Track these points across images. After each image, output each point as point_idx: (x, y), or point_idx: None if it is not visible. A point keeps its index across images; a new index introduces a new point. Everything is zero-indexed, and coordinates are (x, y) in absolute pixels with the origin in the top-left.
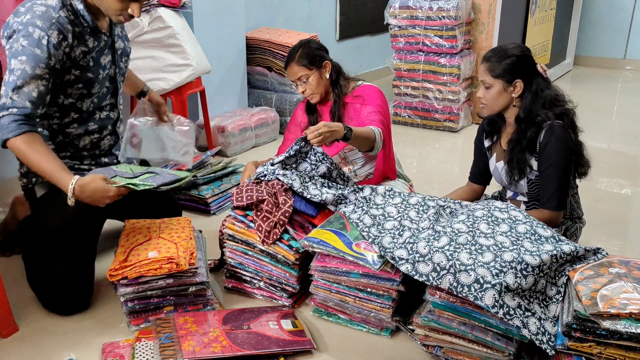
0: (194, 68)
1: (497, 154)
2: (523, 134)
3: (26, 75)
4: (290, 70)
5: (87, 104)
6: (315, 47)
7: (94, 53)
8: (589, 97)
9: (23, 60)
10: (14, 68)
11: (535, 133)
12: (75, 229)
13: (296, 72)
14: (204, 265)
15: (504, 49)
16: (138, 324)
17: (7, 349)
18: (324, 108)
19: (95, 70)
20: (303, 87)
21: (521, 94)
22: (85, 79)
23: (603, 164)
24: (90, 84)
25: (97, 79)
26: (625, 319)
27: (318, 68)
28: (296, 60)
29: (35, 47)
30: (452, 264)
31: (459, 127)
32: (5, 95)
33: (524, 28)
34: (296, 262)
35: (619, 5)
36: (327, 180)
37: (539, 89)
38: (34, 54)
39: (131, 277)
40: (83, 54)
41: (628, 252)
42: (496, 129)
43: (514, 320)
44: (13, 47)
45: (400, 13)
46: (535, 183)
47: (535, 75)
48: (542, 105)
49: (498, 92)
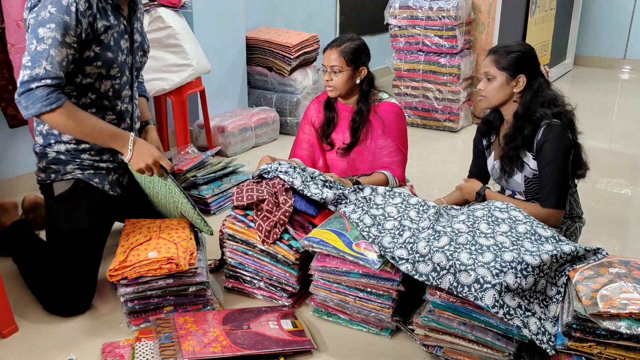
0: (194, 68)
1: (495, 152)
2: (520, 131)
3: (57, 43)
4: (329, 55)
5: (105, 85)
6: (362, 49)
7: (114, 31)
8: (589, 97)
9: (52, 27)
10: (43, 36)
11: (533, 131)
12: (88, 234)
13: (333, 59)
14: (204, 265)
15: (510, 44)
16: (138, 324)
17: (7, 349)
18: (344, 113)
19: (115, 51)
20: (330, 77)
21: (522, 90)
22: (104, 58)
23: (603, 164)
24: (109, 64)
25: (117, 60)
26: (625, 319)
27: (354, 69)
28: (341, 49)
29: (64, 14)
30: (452, 264)
31: (459, 127)
32: (38, 64)
33: (524, 28)
34: (296, 262)
35: (619, 5)
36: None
37: (540, 87)
38: (63, 21)
39: (131, 277)
40: (105, 29)
41: (628, 252)
42: (493, 128)
43: (514, 320)
44: (40, 15)
45: (400, 13)
46: (532, 181)
47: (538, 75)
48: (541, 104)
49: (500, 85)
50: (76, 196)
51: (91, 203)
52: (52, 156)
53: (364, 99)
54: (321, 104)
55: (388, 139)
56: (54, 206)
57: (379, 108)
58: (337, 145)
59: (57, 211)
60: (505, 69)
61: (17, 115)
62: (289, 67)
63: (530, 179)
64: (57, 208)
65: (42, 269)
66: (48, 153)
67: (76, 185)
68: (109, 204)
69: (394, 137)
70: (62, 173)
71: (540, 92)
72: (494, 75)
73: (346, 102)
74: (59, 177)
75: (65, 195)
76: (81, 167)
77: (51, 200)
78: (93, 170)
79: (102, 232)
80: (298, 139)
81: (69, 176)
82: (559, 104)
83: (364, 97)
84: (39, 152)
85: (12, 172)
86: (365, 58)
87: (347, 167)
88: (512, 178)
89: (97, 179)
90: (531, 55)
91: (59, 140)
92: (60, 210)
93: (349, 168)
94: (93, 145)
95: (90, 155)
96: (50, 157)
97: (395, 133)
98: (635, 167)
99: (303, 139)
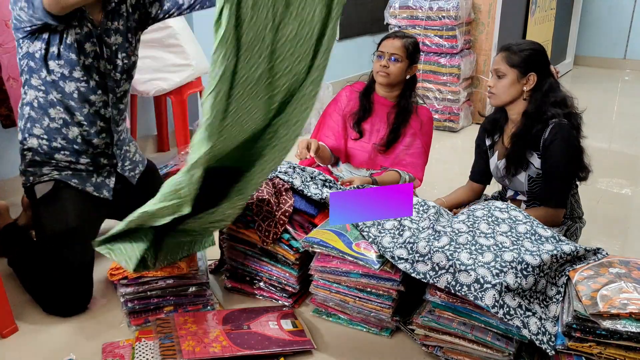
0: (194, 68)
1: (499, 152)
2: (528, 129)
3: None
4: (392, 43)
5: (69, 87)
6: (419, 49)
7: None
8: (589, 97)
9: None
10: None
11: (541, 130)
12: (76, 232)
13: (397, 47)
14: (204, 265)
15: (522, 42)
16: (138, 324)
17: (7, 349)
18: (381, 106)
19: (76, 53)
20: (387, 64)
21: (532, 88)
22: (66, 57)
23: (603, 164)
24: (72, 65)
25: (79, 63)
26: (625, 319)
27: (409, 62)
28: (404, 41)
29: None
30: (452, 264)
31: (459, 127)
32: None
33: (524, 28)
34: (296, 262)
35: (619, 6)
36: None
37: (551, 87)
38: None
39: (131, 277)
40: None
41: (628, 252)
42: (498, 127)
43: (514, 320)
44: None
45: (400, 13)
46: (535, 181)
47: (548, 74)
48: (552, 103)
49: (510, 82)
50: (57, 197)
51: (74, 203)
52: (29, 157)
53: (407, 96)
54: (355, 93)
55: (417, 140)
56: (38, 208)
57: (420, 111)
58: (367, 135)
59: (41, 213)
60: (516, 67)
61: (10, 115)
62: None
63: (534, 179)
64: (41, 210)
65: (37, 270)
66: (25, 154)
67: (56, 186)
68: (93, 204)
69: (424, 141)
70: (39, 175)
71: (551, 92)
72: (505, 73)
73: (386, 96)
74: (37, 179)
75: (47, 197)
76: (57, 168)
77: (34, 202)
78: (71, 171)
79: (89, 231)
80: (325, 125)
81: (46, 177)
82: (569, 105)
83: (407, 95)
84: (20, 153)
85: (6, 173)
86: (418, 58)
87: (367, 158)
88: (515, 177)
89: (77, 180)
90: (542, 54)
91: (31, 133)
92: (44, 212)
93: (369, 160)
94: (65, 145)
95: (65, 156)
96: (27, 158)
97: (427, 137)
98: (635, 167)
99: (330, 126)
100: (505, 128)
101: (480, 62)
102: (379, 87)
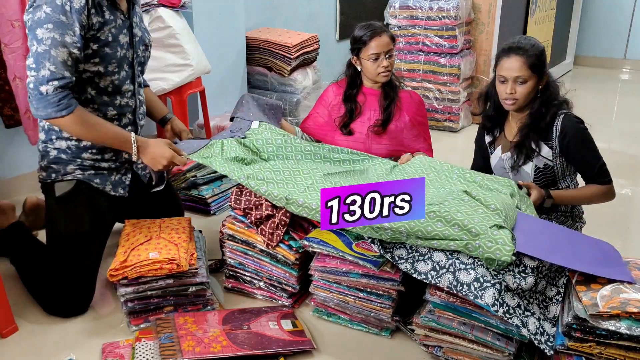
0: (194, 68)
1: (502, 145)
2: (541, 118)
3: (57, 43)
4: (383, 40)
5: (105, 81)
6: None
7: (111, 27)
8: (589, 97)
9: (50, 28)
10: (42, 37)
11: (550, 122)
12: (88, 236)
13: (388, 43)
14: (204, 265)
15: (531, 42)
16: (138, 324)
17: (7, 349)
18: (372, 97)
19: (113, 47)
20: (386, 61)
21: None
22: (102, 54)
23: None
24: (108, 61)
25: (115, 56)
26: (625, 319)
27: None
28: (390, 34)
29: (60, 14)
30: (452, 263)
31: (459, 127)
32: (42, 66)
33: (524, 28)
34: (296, 262)
35: (619, 6)
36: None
37: (551, 79)
38: (59, 21)
39: (131, 277)
40: (100, 25)
41: (628, 252)
42: (497, 123)
43: (513, 319)
44: (36, 15)
45: (400, 13)
46: (542, 171)
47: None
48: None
49: (533, 86)
50: (77, 198)
51: (92, 206)
52: (54, 155)
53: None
54: (341, 89)
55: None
56: (55, 207)
57: (410, 92)
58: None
59: (57, 212)
60: (536, 71)
61: (14, 115)
62: (289, 67)
63: (541, 169)
64: (58, 209)
65: (41, 271)
66: (49, 151)
67: (77, 186)
68: (110, 205)
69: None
70: (62, 173)
71: (553, 83)
72: (528, 78)
73: (372, 86)
74: (59, 177)
75: (66, 197)
76: (82, 167)
77: (52, 200)
78: (94, 170)
79: (102, 234)
80: (312, 115)
81: (69, 177)
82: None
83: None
84: (41, 150)
85: (10, 172)
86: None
87: (361, 148)
88: (521, 168)
89: (98, 180)
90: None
91: (60, 136)
92: (61, 212)
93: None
94: (95, 144)
95: (92, 154)
96: (52, 155)
97: (425, 119)
98: (635, 167)
99: (315, 117)
100: (506, 123)
101: (480, 62)
102: (366, 79)
